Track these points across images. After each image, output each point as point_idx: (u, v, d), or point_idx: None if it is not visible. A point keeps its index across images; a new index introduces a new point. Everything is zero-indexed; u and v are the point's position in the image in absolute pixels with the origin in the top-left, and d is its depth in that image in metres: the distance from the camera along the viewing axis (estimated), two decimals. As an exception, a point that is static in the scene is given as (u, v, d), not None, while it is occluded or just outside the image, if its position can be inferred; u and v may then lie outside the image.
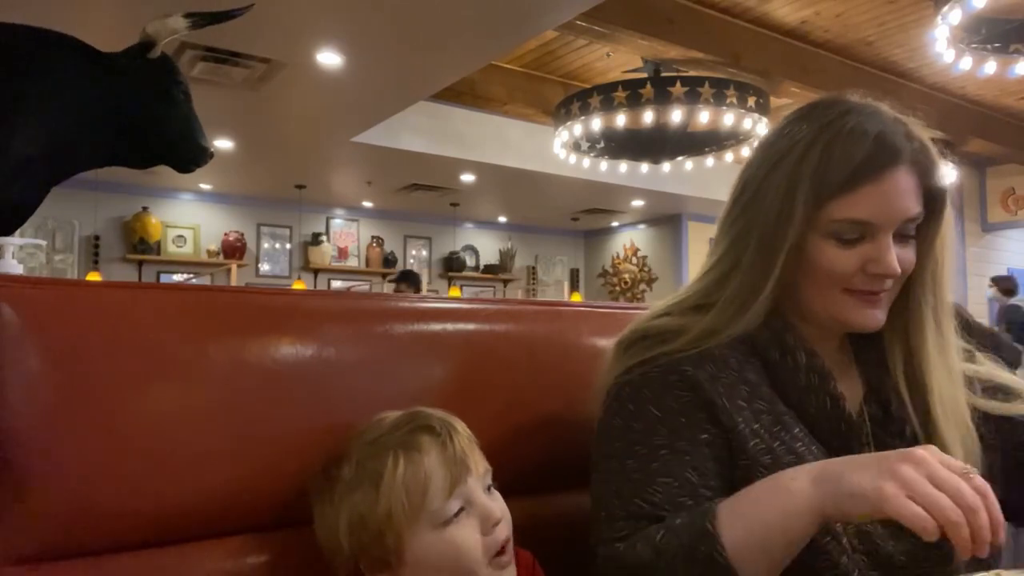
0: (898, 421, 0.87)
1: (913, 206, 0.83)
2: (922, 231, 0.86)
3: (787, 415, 0.85)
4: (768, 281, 0.84)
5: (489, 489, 0.79)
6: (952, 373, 0.88)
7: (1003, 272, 9.18)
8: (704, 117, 5.00)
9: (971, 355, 0.94)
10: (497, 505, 0.78)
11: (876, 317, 0.85)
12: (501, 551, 0.76)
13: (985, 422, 0.87)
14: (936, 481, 0.63)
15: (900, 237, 0.84)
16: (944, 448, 0.82)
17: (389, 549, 0.73)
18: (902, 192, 0.82)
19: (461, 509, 0.75)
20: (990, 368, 0.93)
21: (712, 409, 0.83)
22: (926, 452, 0.66)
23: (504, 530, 0.77)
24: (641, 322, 0.91)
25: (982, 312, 7.96)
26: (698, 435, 0.82)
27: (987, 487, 0.64)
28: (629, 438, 0.83)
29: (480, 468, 0.78)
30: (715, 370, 0.85)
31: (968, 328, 0.95)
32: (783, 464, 0.80)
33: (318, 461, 0.79)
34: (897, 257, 0.83)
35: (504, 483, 0.95)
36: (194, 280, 6.99)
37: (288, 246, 7.84)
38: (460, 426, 0.79)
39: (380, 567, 0.74)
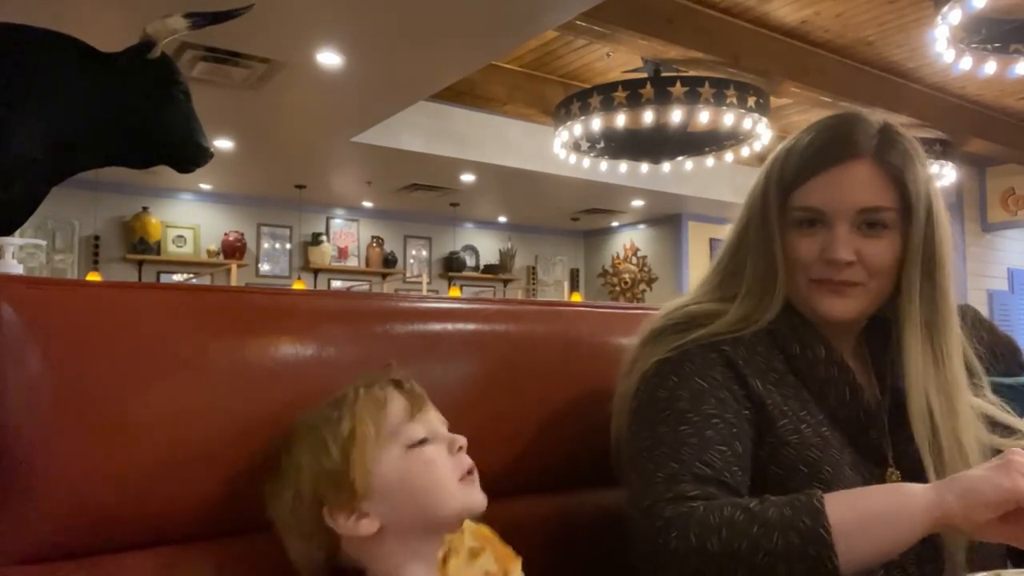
0: (909, 419, 0.88)
1: (868, 198, 0.86)
2: (904, 227, 0.88)
3: (811, 402, 0.88)
4: (775, 269, 0.89)
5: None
6: (959, 379, 0.89)
7: (1003, 272, 9.19)
8: (704, 117, 4.99)
9: (985, 362, 0.95)
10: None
11: (840, 305, 0.88)
12: (469, 472, 0.77)
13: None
14: None
15: (867, 228, 0.87)
16: (961, 453, 0.84)
17: (356, 472, 0.72)
18: (855, 183, 0.86)
19: (425, 439, 0.76)
20: (989, 406, 0.94)
21: (747, 387, 0.86)
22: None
23: (468, 459, 0.78)
24: (669, 310, 0.94)
25: (982, 312, 7.95)
26: (740, 410, 0.85)
27: None
28: (679, 407, 0.84)
29: (439, 415, 0.80)
30: (747, 354, 0.88)
31: (984, 334, 0.96)
32: (810, 444, 0.83)
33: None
34: (857, 249, 0.86)
35: (504, 482, 0.95)
36: (194, 280, 6.99)
37: (288, 246, 7.84)
38: (414, 382, 0.81)
39: (346, 501, 0.72)
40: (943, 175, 6.53)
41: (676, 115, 4.87)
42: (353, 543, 0.74)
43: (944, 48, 4.25)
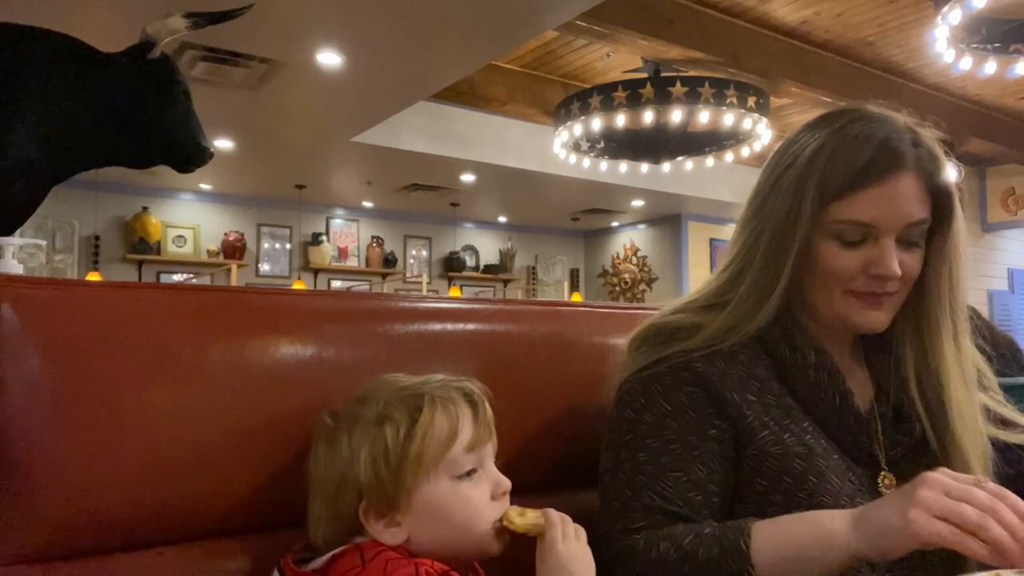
0: (909, 421, 0.88)
1: (916, 211, 0.85)
2: (932, 237, 0.88)
3: (796, 409, 0.87)
4: (779, 280, 0.86)
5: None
6: (968, 382, 0.89)
7: (1003, 272, 9.19)
8: (704, 117, 5.00)
9: (989, 360, 0.95)
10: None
11: (879, 319, 0.87)
12: (501, 519, 0.78)
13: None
14: (952, 494, 0.67)
15: (904, 243, 0.86)
16: (961, 455, 0.84)
17: (402, 488, 0.72)
18: (905, 197, 0.84)
19: (474, 470, 0.76)
20: (992, 399, 0.94)
21: (722, 404, 0.85)
22: (936, 473, 0.69)
23: (509, 502, 0.79)
24: (655, 319, 0.93)
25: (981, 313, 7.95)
26: (707, 430, 0.84)
27: (1002, 489, 0.67)
28: (640, 431, 0.85)
29: (495, 443, 0.80)
30: (725, 366, 0.87)
31: (986, 333, 0.96)
32: (793, 454, 0.83)
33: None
34: (900, 261, 0.84)
35: (504, 483, 0.96)
36: (194, 280, 6.99)
37: (288, 246, 7.84)
38: (487, 402, 0.81)
39: (385, 508, 0.73)
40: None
41: (676, 115, 4.87)
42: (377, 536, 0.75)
43: (944, 48, 4.25)
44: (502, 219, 9.01)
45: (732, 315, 0.88)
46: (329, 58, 4.11)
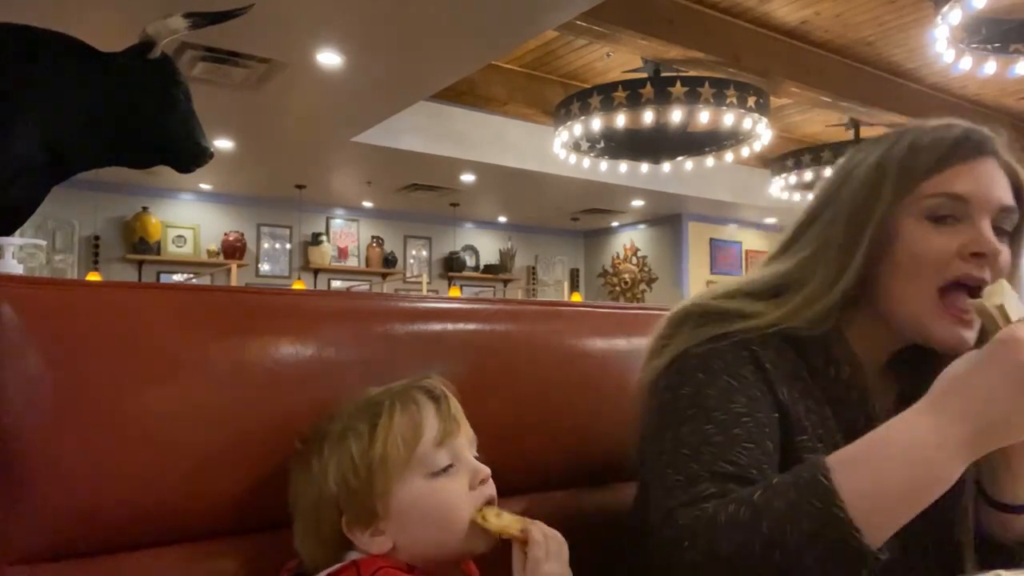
0: None
1: (1007, 197, 0.82)
2: (1013, 242, 0.83)
3: (830, 420, 0.83)
4: (850, 264, 0.81)
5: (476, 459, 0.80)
6: None
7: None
8: (704, 117, 5.00)
9: None
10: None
11: (964, 337, 0.79)
12: (487, 503, 0.76)
13: None
14: None
15: (997, 230, 0.81)
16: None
17: (377, 495, 0.72)
18: (995, 179, 0.81)
19: (451, 465, 0.75)
20: None
21: (775, 392, 0.81)
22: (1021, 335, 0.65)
23: (492, 489, 0.78)
24: (703, 300, 0.88)
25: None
26: (771, 412, 0.79)
27: None
28: (705, 404, 0.78)
29: (469, 433, 0.79)
30: (775, 357, 0.82)
31: None
32: None
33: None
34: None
35: (504, 482, 0.95)
36: (194, 280, 6.99)
37: (288, 246, 7.84)
38: (452, 395, 0.80)
39: (365, 518, 0.73)
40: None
41: (676, 115, 4.87)
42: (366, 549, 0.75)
43: (944, 48, 4.25)
44: (502, 219, 9.02)
45: (795, 302, 0.83)
46: (329, 58, 4.11)
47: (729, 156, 5.72)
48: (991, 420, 0.65)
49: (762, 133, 5.23)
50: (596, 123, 4.94)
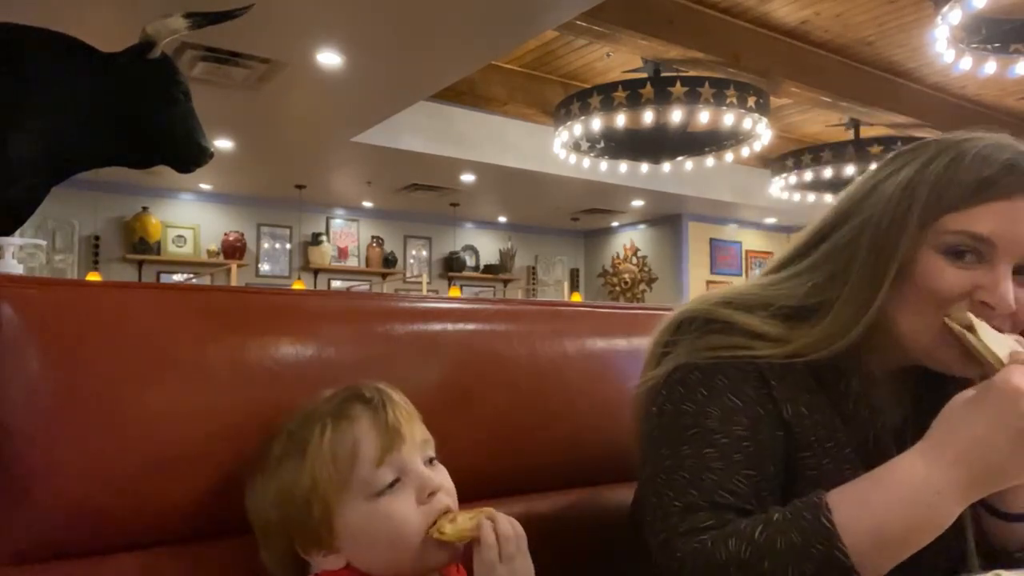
0: None
1: None
2: None
3: (840, 432, 0.80)
4: (878, 293, 0.76)
5: (431, 462, 0.75)
6: None
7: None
8: (704, 117, 5.00)
9: None
10: (438, 475, 0.74)
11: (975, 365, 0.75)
12: (442, 515, 0.72)
13: None
14: None
15: (1018, 275, 0.76)
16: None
17: (318, 521, 0.69)
18: None
19: (397, 480, 0.71)
20: None
21: (780, 409, 0.79)
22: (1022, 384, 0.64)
23: (444, 500, 0.73)
24: (713, 305, 0.84)
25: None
26: (775, 431, 0.78)
27: None
28: (706, 425, 0.76)
29: (417, 437, 0.74)
30: (782, 371, 0.80)
31: None
32: (828, 483, 0.74)
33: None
34: (1017, 299, 0.75)
35: (503, 482, 0.95)
36: (194, 280, 6.99)
37: (288, 246, 7.84)
38: (398, 396, 0.76)
39: (313, 542, 0.70)
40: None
41: (676, 115, 4.87)
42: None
43: (944, 48, 4.25)
44: (502, 219, 9.02)
45: (816, 335, 0.78)
46: (329, 58, 4.11)
47: (729, 156, 5.72)
48: (987, 467, 0.66)
49: (762, 133, 5.23)
50: (596, 123, 4.94)
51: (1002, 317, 0.75)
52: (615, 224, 9.33)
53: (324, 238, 7.94)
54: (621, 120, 4.92)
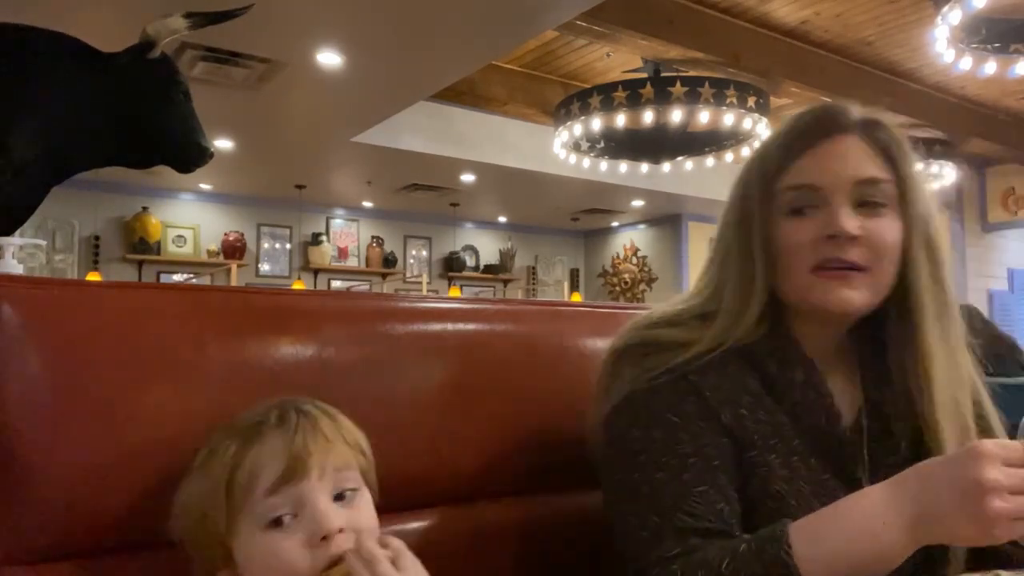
0: (894, 437, 0.86)
1: (865, 168, 0.83)
2: (901, 208, 0.84)
3: (787, 426, 0.84)
4: (754, 270, 0.84)
5: (343, 496, 0.68)
6: (959, 368, 0.85)
7: (1003, 272, 9.19)
8: (704, 117, 5.00)
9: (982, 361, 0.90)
10: (344, 515, 0.67)
11: (850, 297, 0.81)
12: (332, 565, 0.64)
13: None
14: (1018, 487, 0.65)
15: (866, 205, 0.82)
16: (939, 444, 0.82)
17: (214, 539, 0.66)
18: (846, 154, 0.83)
19: (291, 515, 0.65)
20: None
21: (719, 416, 0.82)
22: (987, 451, 0.66)
23: (343, 543, 0.65)
24: (642, 330, 0.89)
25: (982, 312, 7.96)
26: (719, 439, 0.81)
27: None
28: (652, 449, 0.80)
29: (328, 469, 0.67)
30: (717, 379, 0.83)
31: (980, 327, 0.93)
32: (776, 476, 0.81)
33: None
34: (862, 226, 0.81)
35: (503, 483, 0.95)
36: (194, 280, 6.99)
37: (288, 246, 7.84)
38: (327, 421, 0.70)
39: (210, 559, 0.68)
40: (943, 175, 6.53)
41: (676, 115, 4.87)
42: None
43: (944, 48, 4.25)
44: (502, 219, 9.01)
45: (721, 322, 0.85)
46: (329, 58, 4.11)
47: (729, 156, 5.72)
48: (933, 513, 0.68)
49: (762, 133, 5.22)
50: (596, 123, 4.94)
51: (852, 247, 0.80)
52: (615, 224, 9.33)
53: (324, 238, 7.93)
54: (621, 120, 4.93)
